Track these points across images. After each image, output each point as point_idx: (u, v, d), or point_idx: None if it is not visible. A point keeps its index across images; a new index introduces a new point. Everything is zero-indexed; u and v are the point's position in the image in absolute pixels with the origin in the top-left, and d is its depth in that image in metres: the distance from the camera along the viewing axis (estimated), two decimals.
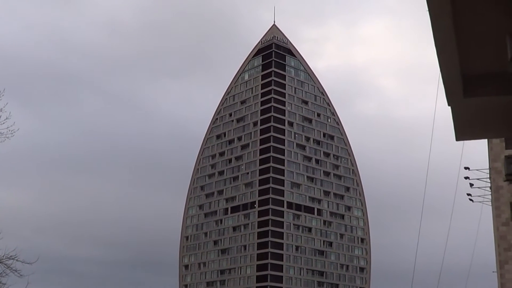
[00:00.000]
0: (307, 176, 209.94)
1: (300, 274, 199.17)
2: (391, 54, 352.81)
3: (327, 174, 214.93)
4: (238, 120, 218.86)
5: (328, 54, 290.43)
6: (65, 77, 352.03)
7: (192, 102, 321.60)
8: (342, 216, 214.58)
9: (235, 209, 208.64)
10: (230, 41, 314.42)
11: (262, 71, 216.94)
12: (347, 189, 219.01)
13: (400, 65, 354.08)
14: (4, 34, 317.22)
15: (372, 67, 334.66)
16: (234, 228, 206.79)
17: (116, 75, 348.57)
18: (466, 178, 50.84)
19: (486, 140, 49.71)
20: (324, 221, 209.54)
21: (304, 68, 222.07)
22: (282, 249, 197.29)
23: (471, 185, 51.21)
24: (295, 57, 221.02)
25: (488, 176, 51.17)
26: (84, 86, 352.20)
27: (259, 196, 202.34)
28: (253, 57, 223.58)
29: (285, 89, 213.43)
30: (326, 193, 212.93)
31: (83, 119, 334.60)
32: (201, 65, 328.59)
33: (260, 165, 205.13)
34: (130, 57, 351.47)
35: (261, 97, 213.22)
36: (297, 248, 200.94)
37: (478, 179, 51.24)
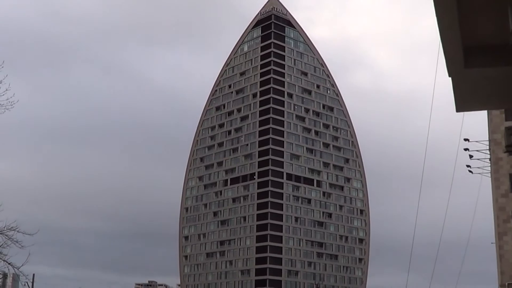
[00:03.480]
0: (307, 148, 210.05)
1: (299, 245, 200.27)
2: (387, 23, 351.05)
3: (326, 145, 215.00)
4: (237, 92, 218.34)
5: (324, 24, 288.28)
6: (59, 47, 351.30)
7: (191, 73, 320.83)
8: (342, 188, 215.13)
9: (234, 181, 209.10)
10: (228, 11, 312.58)
11: (262, 42, 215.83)
12: (347, 160, 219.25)
13: (397, 35, 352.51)
14: None
15: (368, 37, 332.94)
16: (234, 200, 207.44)
17: (113, 45, 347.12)
18: (466, 149, 50.78)
19: (486, 111, 49.63)
20: (324, 193, 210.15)
21: (304, 39, 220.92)
22: (282, 220, 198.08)
23: (471, 156, 51.16)
24: (295, 28, 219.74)
25: (488, 148, 51.16)
26: (79, 57, 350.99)
27: (258, 168, 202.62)
28: (252, 28, 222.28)
29: (284, 61, 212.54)
30: (326, 165, 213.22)
31: (80, 90, 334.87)
32: (198, 36, 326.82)
33: (259, 137, 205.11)
34: (126, 27, 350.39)
35: (260, 69, 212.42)
36: (296, 219, 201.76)
37: (477, 150, 51.20)
